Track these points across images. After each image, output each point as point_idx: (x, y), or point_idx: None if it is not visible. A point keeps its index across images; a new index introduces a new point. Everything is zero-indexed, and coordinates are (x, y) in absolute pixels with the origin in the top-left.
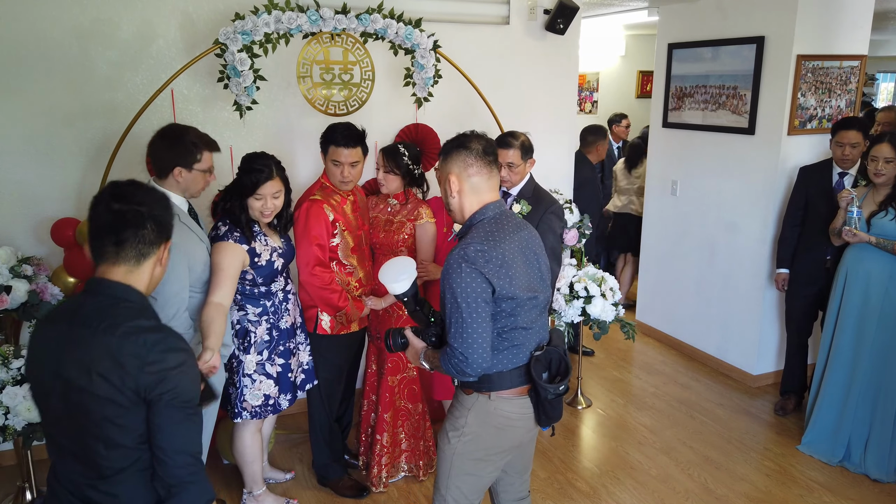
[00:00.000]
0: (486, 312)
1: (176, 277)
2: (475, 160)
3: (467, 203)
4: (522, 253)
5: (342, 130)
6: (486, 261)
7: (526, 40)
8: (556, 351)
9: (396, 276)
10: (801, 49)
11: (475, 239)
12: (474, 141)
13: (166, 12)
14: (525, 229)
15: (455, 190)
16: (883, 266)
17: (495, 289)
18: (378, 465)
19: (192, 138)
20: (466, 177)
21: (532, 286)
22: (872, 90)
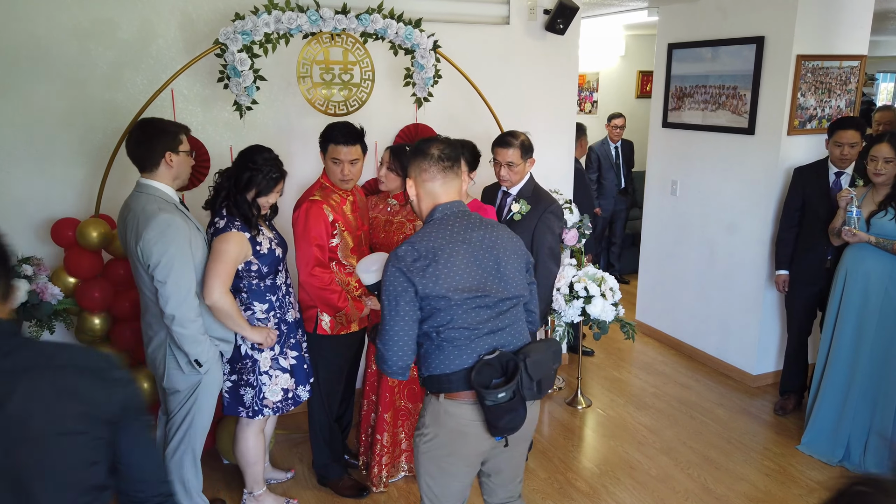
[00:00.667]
0: (406, 312)
1: (182, 259)
2: (430, 165)
3: (424, 206)
4: (470, 252)
5: (341, 128)
6: (412, 259)
7: (526, 40)
8: (508, 355)
9: (368, 266)
10: (801, 49)
11: (409, 239)
12: (433, 147)
13: (166, 12)
14: (484, 229)
15: (413, 194)
16: (883, 266)
17: (417, 287)
18: (378, 464)
19: (167, 124)
20: (422, 181)
21: (479, 286)
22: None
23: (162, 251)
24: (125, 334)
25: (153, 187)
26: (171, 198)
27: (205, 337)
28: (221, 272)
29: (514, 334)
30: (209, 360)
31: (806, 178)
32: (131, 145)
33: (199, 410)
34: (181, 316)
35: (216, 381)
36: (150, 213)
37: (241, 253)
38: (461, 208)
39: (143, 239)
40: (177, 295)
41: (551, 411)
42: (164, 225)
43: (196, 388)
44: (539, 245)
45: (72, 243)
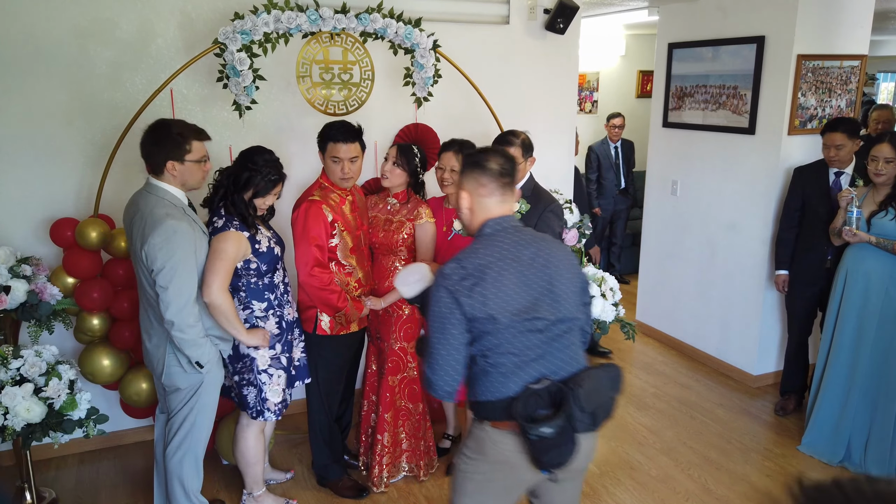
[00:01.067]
0: (453, 334)
1: (186, 266)
2: (489, 180)
3: (476, 220)
4: (521, 271)
5: (339, 127)
6: (459, 277)
7: (526, 40)
8: (556, 385)
9: (407, 278)
10: (802, 49)
11: (457, 256)
12: (492, 160)
13: (165, 12)
14: (537, 245)
15: (466, 207)
16: (883, 266)
17: (464, 307)
18: (379, 465)
19: (178, 130)
20: (478, 196)
21: (530, 308)
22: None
23: (166, 257)
24: (124, 334)
25: (162, 189)
26: (179, 201)
27: (205, 340)
28: (220, 270)
29: (566, 360)
30: (210, 360)
31: (806, 178)
32: (141, 146)
33: (202, 409)
34: (180, 322)
35: (217, 380)
36: (158, 217)
37: (239, 252)
38: (513, 223)
39: (149, 243)
40: (177, 301)
41: None
42: (171, 231)
43: (198, 388)
44: None
45: (71, 243)
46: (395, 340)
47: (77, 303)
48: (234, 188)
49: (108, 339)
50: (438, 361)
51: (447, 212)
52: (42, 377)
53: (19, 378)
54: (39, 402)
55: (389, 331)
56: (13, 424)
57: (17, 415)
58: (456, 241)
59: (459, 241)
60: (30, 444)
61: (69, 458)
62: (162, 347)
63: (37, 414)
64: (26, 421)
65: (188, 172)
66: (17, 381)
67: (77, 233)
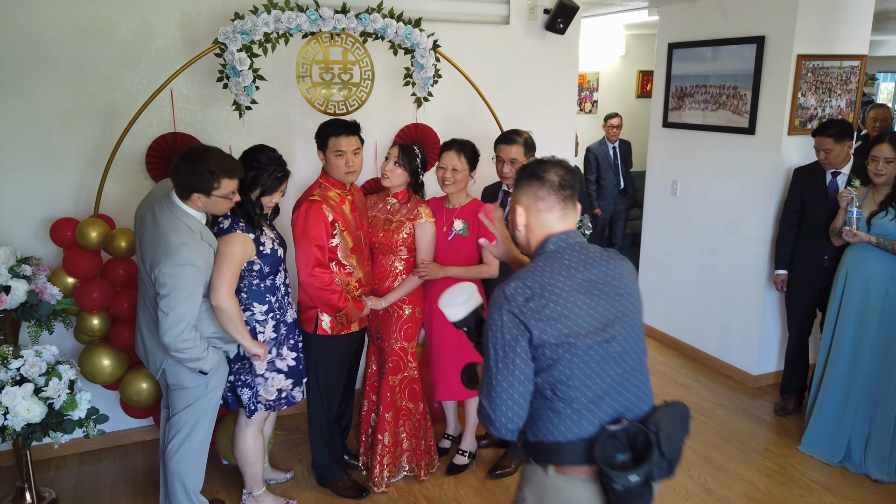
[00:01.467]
0: (518, 365)
1: (190, 297)
2: (548, 194)
3: (534, 238)
4: (591, 292)
5: (337, 122)
6: (524, 298)
7: (526, 40)
8: (637, 427)
9: (453, 300)
10: (802, 49)
11: (518, 274)
12: (552, 171)
13: (165, 11)
14: (606, 264)
15: (522, 223)
16: (883, 266)
17: (532, 333)
18: (380, 464)
19: (210, 167)
20: (536, 211)
21: (603, 332)
22: (872, 90)
23: (174, 286)
24: (124, 334)
25: (183, 212)
26: (198, 224)
27: (205, 353)
28: (227, 274)
29: (640, 396)
30: (213, 366)
31: (804, 179)
32: (173, 168)
33: (206, 408)
34: (177, 345)
35: (222, 379)
36: (173, 246)
37: (245, 254)
38: (577, 239)
39: (160, 270)
40: (177, 327)
41: None
42: (183, 261)
43: (205, 387)
44: None
45: (71, 243)
46: (395, 340)
47: (77, 303)
48: (241, 188)
49: (108, 339)
50: (501, 396)
51: (447, 212)
52: (42, 377)
53: (19, 378)
54: (39, 402)
55: (390, 331)
56: (13, 424)
57: (17, 415)
58: (456, 241)
59: (459, 241)
60: (30, 444)
61: (69, 458)
62: (159, 352)
63: (37, 414)
64: (26, 421)
65: (212, 205)
66: (17, 381)
67: (77, 233)
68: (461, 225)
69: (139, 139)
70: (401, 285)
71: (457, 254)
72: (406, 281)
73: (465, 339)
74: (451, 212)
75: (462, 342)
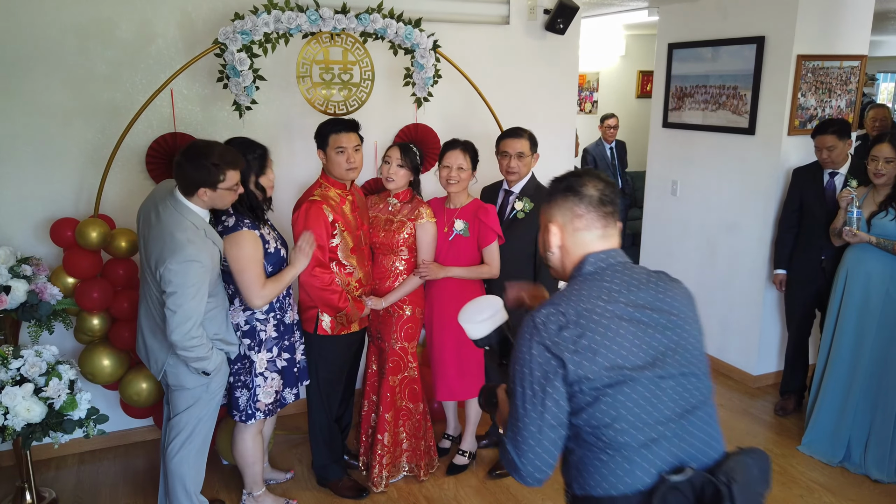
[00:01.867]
0: (550, 407)
1: (196, 294)
2: (586, 210)
3: (570, 260)
4: (638, 321)
5: (336, 120)
6: (558, 327)
7: (526, 40)
8: (704, 477)
9: (474, 315)
10: (802, 49)
11: (551, 300)
12: (589, 185)
13: (165, 11)
14: (655, 286)
15: (555, 244)
16: (883, 266)
17: (567, 367)
18: (379, 464)
19: (214, 160)
20: (573, 230)
21: (653, 365)
22: (872, 90)
23: (180, 283)
24: (124, 334)
25: (187, 209)
26: (202, 222)
27: (210, 353)
28: (250, 278)
29: (705, 441)
30: (216, 367)
31: (802, 179)
32: (176, 165)
33: (206, 409)
34: (184, 343)
35: (223, 380)
36: (179, 243)
37: (259, 251)
38: (620, 258)
39: (166, 267)
40: (184, 326)
41: None
42: (189, 259)
43: (206, 388)
44: None
45: (71, 243)
46: (395, 340)
47: (77, 303)
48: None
49: (108, 339)
50: (528, 442)
51: (448, 212)
52: (42, 377)
53: (19, 378)
54: (39, 402)
55: (390, 331)
56: (13, 424)
57: (17, 415)
58: (457, 242)
59: (460, 241)
60: (30, 444)
61: (69, 458)
62: (166, 348)
63: (37, 414)
64: (26, 421)
65: (218, 198)
66: (17, 381)
67: (77, 233)
68: (462, 225)
69: (139, 139)
70: (401, 285)
71: (458, 254)
72: (407, 281)
73: (465, 340)
74: (452, 212)
75: (462, 342)
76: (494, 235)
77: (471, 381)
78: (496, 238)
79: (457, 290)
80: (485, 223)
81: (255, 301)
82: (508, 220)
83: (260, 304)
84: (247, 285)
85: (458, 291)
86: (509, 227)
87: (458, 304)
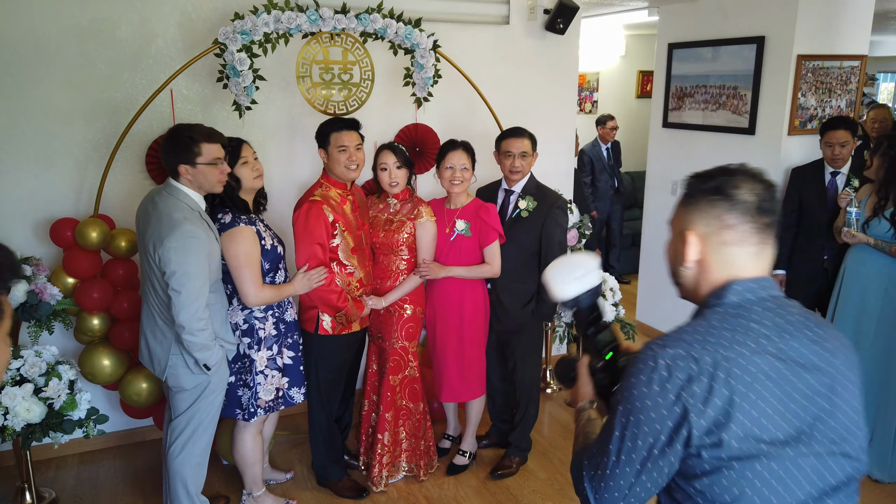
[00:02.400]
0: (649, 466)
1: (199, 271)
2: (739, 220)
3: (707, 282)
4: (786, 377)
5: (337, 119)
6: (687, 377)
7: (526, 40)
8: None
9: (565, 274)
10: (802, 49)
11: (684, 335)
12: (744, 187)
13: (165, 12)
14: (814, 334)
15: (692, 257)
16: (881, 267)
17: (692, 429)
18: (379, 464)
19: (188, 133)
20: (719, 243)
21: (797, 438)
22: (873, 90)
23: (180, 261)
24: (124, 334)
25: (182, 192)
26: (196, 205)
27: (214, 343)
28: (247, 277)
29: None
30: (217, 362)
31: (802, 179)
32: (161, 152)
33: (206, 410)
34: (191, 326)
35: (223, 381)
36: (175, 221)
37: (257, 247)
38: (773, 291)
39: (164, 246)
40: (190, 306)
41: (551, 412)
42: (188, 236)
43: (204, 389)
44: (549, 241)
45: (71, 243)
46: (396, 340)
47: (77, 303)
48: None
49: (108, 339)
50: (613, 493)
51: (449, 213)
52: (42, 377)
53: (19, 378)
54: (39, 403)
55: (391, 330)
56: (13, 424)
57: (17, 415)
58: (458, 242)
59: (462, 241)
60: (30, 444)
61: (69, 458)
62: (167, 348)
63: (37, 414)
64: (26, 421)
65: (201, 175)
66: (17, 382)
67: (77, 233)
68: (463, 225)
69: (139, 139)
70: (401, 285)
71: (459, 254)
72: (406, 280)
73: (466, 340)
74: (453, 212)
75: (463, 342)
76: (496, 234)
77: (472, 382)
78: (497, 237)
79: (458, 291)
80: (486, 222)
81: (250, 298)
82: (511, 218)
83: (255, 302)
84: (244, 281)
85: (460, 292)
86: (512, 225)
87: (459, 305)
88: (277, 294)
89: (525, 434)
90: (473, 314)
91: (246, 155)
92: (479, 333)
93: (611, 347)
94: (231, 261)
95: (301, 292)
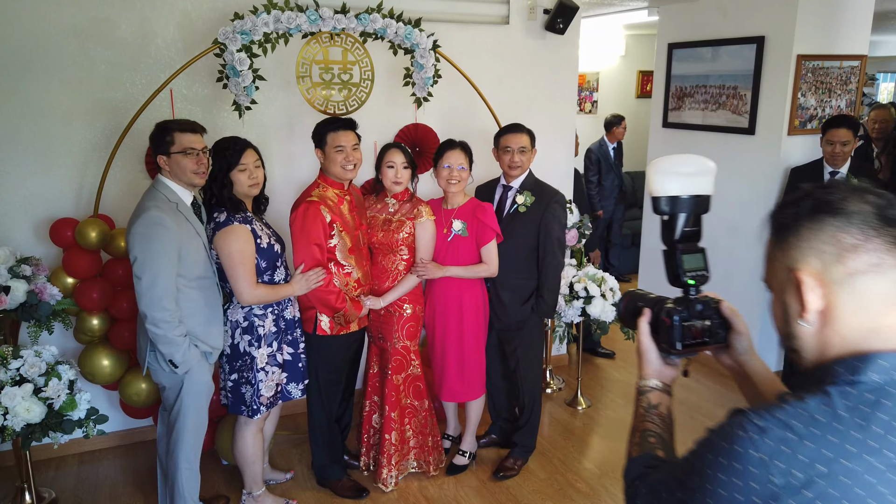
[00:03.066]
0: None
1: (163, 260)
2: (866, 236)
3: (837, 339)
4: None
5: (334, 119)
6: (785, 482)
7: (526, 40)
8: None
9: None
10: (802, 49)
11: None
12: (853, 197)
13: (165, 11)
14: None
15: (813, 305)
16: None
17: None
18: (388, 464)
19: (164, 124)
20: (845, 274)
21: None
22: (873, 90)
23: (143, 248)
24: (124, 334)
25: (163, 184)
26: (177, 197)
27: (182, 339)
28: (241, 275)
29: None
30: (186, 362)
31: (801, 179)
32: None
33: (186, 413)
34: (152, 316)
35: (201, 383)
36: (143, 208)
37: (250, 245)
38: None
39: (130, 232)
40: (149, 294)
41: (551, 412)
42: (152, 222)
43: (180, 389)
44: (547, 236)
45: (70, 243)
46: (397, 339)
47: (77, 303)
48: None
49: (107, 339)
50: None
51: (446, 213)
52: (42, 377)
53: (19, 378)
54: (39, 403)
55: (391, 330)
56: (13, 424)
57: (16, 415)
58: (456, 242)
59: (459, 242)
60: (29, 444)
61: (69, 458)
62: (145, 344)
63: (36, 414)
64: (26, 421)
65: (175, 164)
66: (16, 382)
67: (77, 233)
68: (460, 225)
69: (139, 139)
70: (399, 284)
71: (457, 254)
72: (404, 280)
73: (466, 340)
74: (450, 212)
75: (463, 342)
76: (493, 234)
77: (472, 382)
78: (495, 237)
79: (457, 291)
80: (483, 222)
81: (244, 297)
82: (509, 214)
83: (248, 301)
84: (237, 279)
85: (459, 292)
86: (510, 221)
87: (458, 305)
88: (273, 294)
89: (532, 434)
90: (473, 314)
91: (246, 162)
92: (478, 333)
93: (696, 276)
94: (224, 259)
95: (299, 293)
